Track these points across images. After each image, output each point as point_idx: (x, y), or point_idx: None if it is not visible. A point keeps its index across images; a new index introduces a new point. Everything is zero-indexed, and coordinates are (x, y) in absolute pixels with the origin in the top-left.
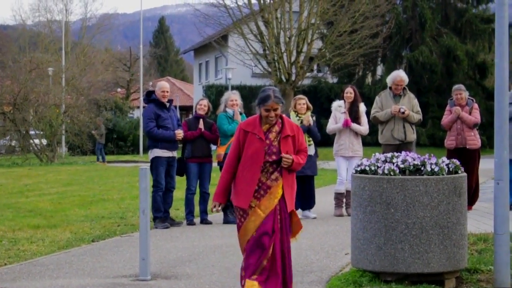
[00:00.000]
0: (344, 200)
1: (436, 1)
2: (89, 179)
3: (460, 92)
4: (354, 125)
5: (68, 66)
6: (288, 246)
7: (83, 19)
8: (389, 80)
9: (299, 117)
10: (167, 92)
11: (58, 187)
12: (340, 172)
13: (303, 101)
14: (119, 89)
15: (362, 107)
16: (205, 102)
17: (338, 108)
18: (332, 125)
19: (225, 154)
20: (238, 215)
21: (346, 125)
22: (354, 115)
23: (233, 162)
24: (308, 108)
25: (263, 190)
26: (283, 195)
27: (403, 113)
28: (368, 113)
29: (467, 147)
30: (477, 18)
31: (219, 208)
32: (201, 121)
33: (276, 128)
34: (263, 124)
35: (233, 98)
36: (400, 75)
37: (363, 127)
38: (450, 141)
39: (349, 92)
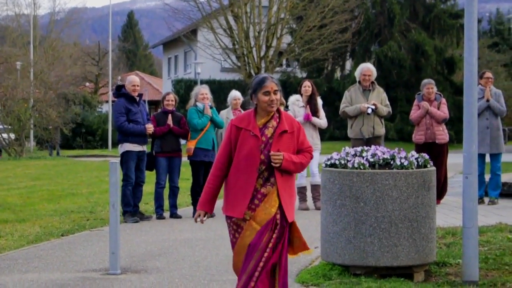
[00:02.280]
0: (309, 194)
1: None
2: (58, 174)
3: (431, 86)
4: (315, 119)
5: (36, 60)
6: (285, 264)
7: (52, 13)
8: (357, 72)
9: None
10: (138, 86)
11: (26, 181)
12: None
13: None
14: (87, 84)
15: (319, 101)
16: (172, 96)
17: (296, 102)
18: None
19: (195, 148)
20: (231, 230)
21: (307, 118)
22: (313, 108)
23: (223, 165)
24: (281, 104)
25: (257, 199)
26: (280, 204)
27: (369, 114)
28: (337, 107)
29: (436, 141)
30: (446, 14)
31: (204, 219)
32: (169, 116)
33: (273, 123)
34: (259, 119)
35: (203, 91)
36: (367, 65)
37: (323, 121)
38: (419, 136)
39: (307, 85)
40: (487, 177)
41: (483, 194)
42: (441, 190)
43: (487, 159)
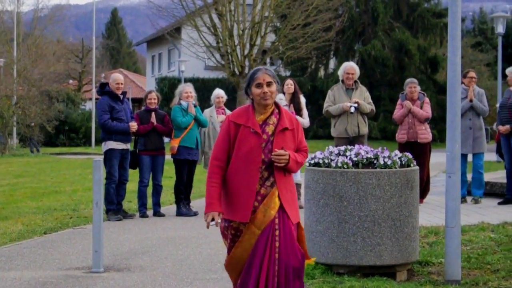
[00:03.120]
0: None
1: None
2: (41, 171)
3: (414, 85)
4: (298, 118)
5: (19, 57)
6: (295, 269)
7: (35, 10)
8: (340, 71)
9: None
10: (121, 84)
11: (9, 178)
12: None
13: None
14: (71, 81)
15: (302, 99)
16: (154, 94)
17: (280, 101)
18: None
19: (179, 146)
20: (228, 235)
21: None
22: (296, 107)
23: (223, 162)
24: None
25: (257, 201)
26: (281, 205)
27: (352, 112)
28: (320, 106)
29: (418, 141)
30: (429, 13)
31: (219, 221)
32: (153, 114)
33: (273, 120)
34: (257, 115)
35: (187, 90)
36: (350, 64)
37: (306, 120)
38: (401, 135)
39: (289, 84)
40: (469, 176)
41: (465, 193)
42: (424, 189)
43: (469, 158)
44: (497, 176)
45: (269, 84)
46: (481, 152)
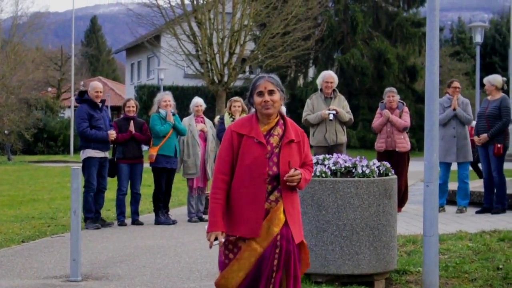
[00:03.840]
0: None
1: (368, 5)
2: (19, 179)
3: (393, 94)
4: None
5: None
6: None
7: (14, 17)
8: (319, 79)
9: (233, 119)
10: (101, 92)
11: None
12: None
13: (238, 103)
14: (50, 89)
15: (282, 107)
16: (132, 102)
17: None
18: None
19: (158, 155)
20: (224, 251)
21: None
22: None
23: (227, 176)
24: (243, 110)
25: None
26: (286, 222)
27: (331, 120)
28: (299, 114)
29: (397, 150)
30: (408, 22)
31: (222, 240)
32: (131, 123)
33: (278, 131)
34: (261, 126)
35: (166, 98)
36: (329, 73)
37: None
38: (380, 144)
39: None
40: (451, 185)
41: (444, 202)
42: (402, 198)
43: (453, 167)
44: (475, 185)
45: (271, 92)
46: (466, 162)
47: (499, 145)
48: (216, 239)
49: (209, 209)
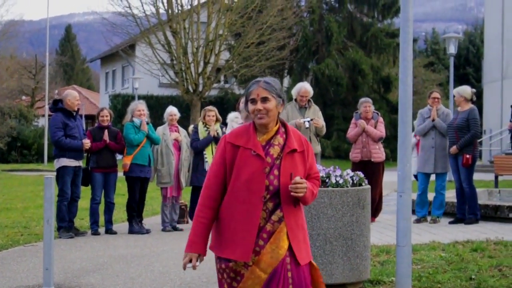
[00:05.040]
0: None
1: (343, 15)
2: None
3: (369, 104)
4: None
5: None
6: None
7: None
8: (294, 91)
9: (207, 127)
10: (78, 101)
11: None
12: None
13: (212, 113)
14: (24, 97)
15: None
16: (106, 111)
17: (235, 119)
18: None
19: (132, 164)
20: (226, 278)
21: None
22: None
23: (217, 193)
24: (217, 120)
25: (262, 239)
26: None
27: (307, 127)
28: None
29: (372, 160)
30: (382, 33)
31: (197, 264)
32: (106, 132)
33: (279, 140)
34: (259, 135)
35: (140, 108)
36: (305, 86)
37: None
38: (355, 154)
39: (243, 102)
40: (430, 196)
41: (426, 214)
42: (376, 208)
43: (432, 177)
44: (448, 195)
45: (264, 99)
46: (443, 173)
47: (467, 156)
48: (191, 261)
49: (192, 227)
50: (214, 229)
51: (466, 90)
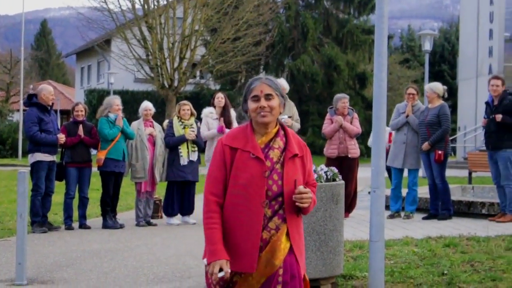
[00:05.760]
0: None
1: (319, 12)
2: None
3: (346, 100)
4: (228, 131)
5: None
6: None
7: None
8: None
9: (182, 122)
10: (53, 96)
11: None
12: None
13: (187, 107)
14: None
15: (233, 112)
16: (81, 106)
17: (210, 115)
18: (205, 131)
19: (106, 158)
20: (213, 284)
21: (220, 131)
22: (226, 120)
23: (220, 198)
24: (192, 114)
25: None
26: (290, 251)
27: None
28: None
29: (349, 156)
30: (358, 29)
31: (228, 270)
32: (80, 127)
33: (279, 143)
34: (258, 137)
35: (118, 102)
36: (281, 82)
37: None
38: (332, 150)
39: (220, 97)
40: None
41: (399, 208)
42: (351, 203)
43: (405, 173)
44: (422, 191)
45: (268, 97)
46: (415, 169)
47: (439, 152)
48: (221, 270)
49: (206, 236)
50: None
51: (438, 86)
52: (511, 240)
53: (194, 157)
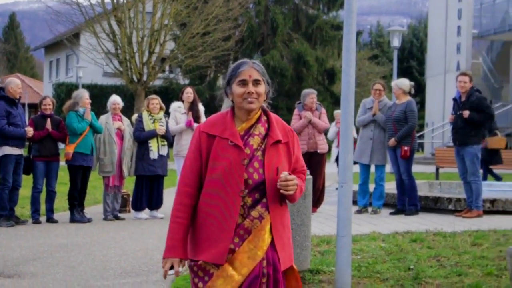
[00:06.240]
0: None
1: (288, 7)
2: None
3: (314, 96)
4: (196, 125)
5: None
6: None
7: None
8: None
9: (152, 116)
10: (20, 89)
11: None
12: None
13: (156, 101)
14: None
15: (201, 107)
16: (49, 100)
17: (178, 109)
18: (173, 126)
19: (74, 152)
20: (194, 278)
21: (189, 125)
22: (195, 115)
23: (194, 189)
24: (161, 108)
25: (238, 236)
26: (272, 243)
27: None
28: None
29: (318, 151)
30: (327, 25)
31: (180, 270)
32: (48, 121)
33: (260, 129)
34: (238, 123)
35: (87, 96)
36: None
37: None
38: (301, 146)
39: (189, 92)
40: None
41: (367, 203)
42: (318, 198)
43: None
44: (389, 187)
45: (256, 82)
46: (382, 164)
47: (405, 148)
48: (172, 267)
49: (168, 228)
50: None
51: (405, 82)
52: (477, 235)
53: (163, 151)
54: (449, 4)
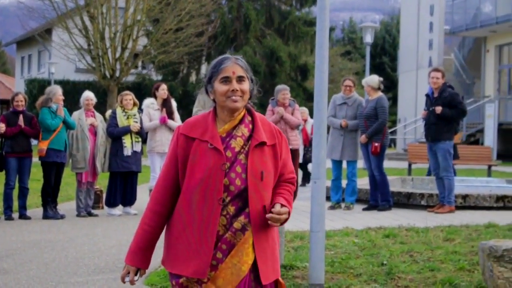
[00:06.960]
0: None
1: (261, 3)
2: None
3: (286, 92)
4: (170, 122)
5: None
6: None
7: None
8: None
9: (126, 112)
10: None
11: None
12: (155, 169)
13: (129, 97)
14: None
15: (174, 103)
16: (21, 96)
17: (151, 106)
18: (147, 122)
19: (48, 149)
20: None
21: (163, 121)
22: (168, 111)
23: (167, 196)
24: (134, 104)
25: (220, 251)
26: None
27: None
28: (191, 111)
29: (291, 147)
30: (300, 21)
31: (136, 278)
32: (21, 117)
33: (243, 130)
34: (220, 125)
35: (60, 92)
36: None
37: (178, 124)
38: None
39: (165, 89)
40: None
41: (340, 199)
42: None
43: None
44: (362, 182)
45: (240, 79)
46: (353, 160)
47: (376, 144)
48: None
49: (134, 235)
50: (165, 240)
51: (373, 79)
52: (449, 230)
53: (137, 147)
54: (421, 0)
